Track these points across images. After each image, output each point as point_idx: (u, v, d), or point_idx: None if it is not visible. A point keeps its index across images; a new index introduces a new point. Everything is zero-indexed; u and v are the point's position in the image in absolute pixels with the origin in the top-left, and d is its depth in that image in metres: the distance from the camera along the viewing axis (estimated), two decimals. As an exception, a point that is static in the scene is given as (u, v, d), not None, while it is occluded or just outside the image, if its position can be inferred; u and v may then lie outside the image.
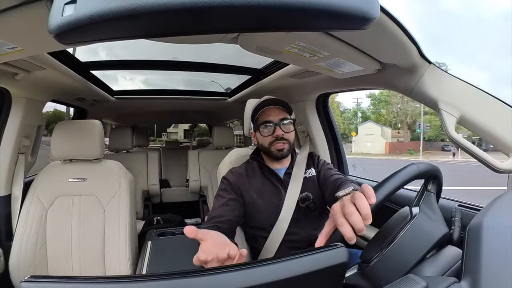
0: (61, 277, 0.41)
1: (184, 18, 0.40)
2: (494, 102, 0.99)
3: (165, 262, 1.29)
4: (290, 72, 1.59)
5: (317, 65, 1.17)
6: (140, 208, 2.90)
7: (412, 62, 1.03)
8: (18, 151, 1.50)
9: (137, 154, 3.14)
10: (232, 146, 3.08)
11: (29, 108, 1.49)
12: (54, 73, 1.38)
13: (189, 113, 3.82)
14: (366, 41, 0.95)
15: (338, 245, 0.56)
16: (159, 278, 0.42)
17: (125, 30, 0.42)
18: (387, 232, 0.75)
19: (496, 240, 0.57)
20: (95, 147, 1.52)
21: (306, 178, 1.29)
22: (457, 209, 0.91)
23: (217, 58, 2.01)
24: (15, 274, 1.34)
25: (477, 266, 0.54)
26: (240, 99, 2.63)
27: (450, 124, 0.99)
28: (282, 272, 0.48)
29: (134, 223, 1.59)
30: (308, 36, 0.91)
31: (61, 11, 0.38)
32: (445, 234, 0.76)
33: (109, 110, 3.10)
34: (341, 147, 2.04)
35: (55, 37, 0.40)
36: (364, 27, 0.45)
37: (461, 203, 1.19)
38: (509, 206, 0.71)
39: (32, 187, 1.47)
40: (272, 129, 1.23)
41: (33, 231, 1.39)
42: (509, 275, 0.52)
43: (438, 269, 0.67)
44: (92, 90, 2.02)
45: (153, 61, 2.01)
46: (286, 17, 0.42)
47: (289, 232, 1.19)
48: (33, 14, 0.68)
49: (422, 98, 1.11)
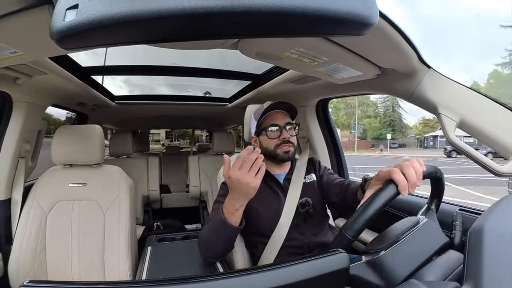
0: (60, 282, 0.41)
1: (185, 24, 0.40)
2: (493, 106, 0.99)
3: (165, 268, 1.28)
4: (290, 78, 1.60)
5: (317, 71, 1.17)
6: (140, 213, 2.89)
7: (411, 67, 1.04)
8: (18, 156, 1.50)
9: (137, 159, 3.14)
10: (232, 152, 3.08)
11: (30, 113, 1.49)
12: (55, 77, 1.38)
13: (189, 119, 3.83)
14: (366, 46, 0.96)
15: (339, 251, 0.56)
16: (158, 284, 0.42)
17: (126, 36, 0.43)
18: (395, 231, 0.78)
19: (498, 244, 0.57)
20: (96, 152, 1.52)
21: (305, 184, 1.29)
22: (458, 213, 0.91)
23: (216, 64, 2.02)
24: (14, 278, 1.33)
25: (478, 270, 0.54)
26: (240, 105, 2.63)
27: (450, 129, 0.99)
28: (283, 278, 0.48)
29: (134, 228, 1.59)
30: (308, 42, 0.92)
31: (63, 16, 0.38)
32: (446, 242, 0.79)
33: (109, 115, 3.11)
34: (341, 152, 2.03)
35: (57, 42, 0.40)
36: (364, 33, 0.46)
37: (462, 207, 1.19)
38: (510, 210, 0.71)
39: (32, 192, 1.46)
40: (279, 132, 1.24)
41: (33, 236, 1.39)
42: (510, 279, 0.51)
43: (439, 273, 0.67)
44: (92, 95, 2.02)
45: (153, 66, 2.02)
46: (286, 23, 0.43)
47: (289, 238, 1.18)
48: (35, 19, 0.69)
49: (421, 103, 1.11)
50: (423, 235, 0.79)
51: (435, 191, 0.89)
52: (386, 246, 0.71)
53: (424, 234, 0.79)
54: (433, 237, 0.80)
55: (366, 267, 0.68)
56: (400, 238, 0.75)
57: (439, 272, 0.67)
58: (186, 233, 1.82)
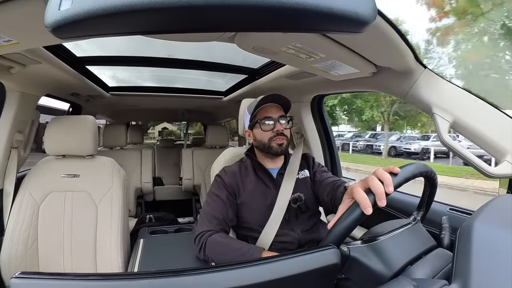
0: (51, 274, 0.41)
1: (182, 15, 0.40)
2: (487, 107, 1.00)
3: (157, 260, 1.29)
4: (286, 73, 1.59)
5: (313, 67, 1.17)
6: (133, 205, 2.89)
7: (407, 66, 1.04)
8: (11, 146, 1.48)
9: (131, 151, 3.12)
10: (226, 146, 3.08)
11: (23, 103, 1.47)
12: (49, 67, 1.37)
13: (183, 111, 3.81)
14: (363, 44, 0.96)
15: (330, 246, 0.57)
16: (150, 277, 0.42)
17: (122, 26, 0.42)
18: (393, 223, 0.80)
19: (487, 244, 0.58)
20: (89, 143, 1.51)
21: (298, 179, 1.29)
22: (448, 213, 0.92)
23: (212, 57, 2.01)
24: (6, 270, 1.32)
25: (467, 269, 0.55)
26: (235, 99, 2.63)
27: (443, 129, 1.00)
28: (273, 272, 0.48)
29: (127, 220, 1.58)
30: (305, 38, 0.92)
31: (58, 5, 0.38)
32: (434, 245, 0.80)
33: (104, 107, 3.08)
34: (335, 148, 2.05)
35: (52, 31, 0.40)
36: (361, 31, 0.46)
37: (452, 207, 1.20)
38: (499, 210, 0.73)
39: (24, 183, 1.45)
40: (273, 124, 1.24)
41: (25, 227, 1.38)
42: (499, 278, 0.52)
43: (428, 271, 0.68)
44: (87, 86, 2.00)
45: (149, 57, 2.00)
46: (284, 18, 0.42)
47: (280, 233, 1.19)
48: (29, 7, 0.68)
49: (416, 102, 1.12)
50: (420, 229, 0.82)
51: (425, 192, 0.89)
52: (387, 233, 0.73)
53: (421, 229, 0.82)
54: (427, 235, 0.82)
55: (364, 251, 0.69)
56: (402, 228, 0.77)
57: (428, 269, 0.68)
58: (179, 226, 1.82)
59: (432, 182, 0.85)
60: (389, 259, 0.67)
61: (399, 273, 0.67)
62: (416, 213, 0.90)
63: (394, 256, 0.68)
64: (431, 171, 0.81)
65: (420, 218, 0.89)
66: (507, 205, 0.77)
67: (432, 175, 0.82)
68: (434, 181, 0.84)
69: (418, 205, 0.91)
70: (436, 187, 0.86)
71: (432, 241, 0.81)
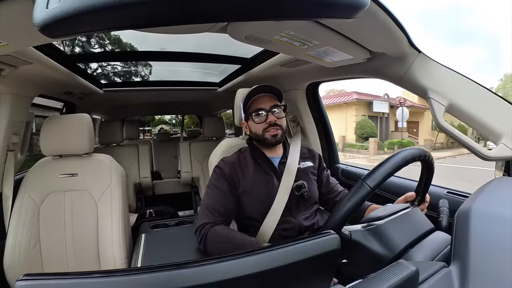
0: (55, 274, 0.41)
1: (171, 8, 0.39)
2: (482, 91, 1.00)
3: (160, 254, 1.29)
4: (280, 61, 1.58)
5: (307, 54, 1.16)
6: (133, 201, 2.90)
7: (402, 51, 1.04)
8: (7, 149, 1.46)
9: (127, 147, 3.11)
10: (222, 137, 3.07)
11: (17, 104, 1.45)
12: (41, 67, 1.35)
13: (179, 104, 3.79)
14: (356, 30, 0.95)
15: (330, 233, 0.57)
16: (154, 271, 0.42)
17: (111, 21, 0.41)
18: (392, 207, 0.81)
19: (484, 226, 0.59)
20: (85, 141, 1.50)
21: (300, 169, 1.29)
22: (445, 196, 0.93)
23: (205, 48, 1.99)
24: (10, 273, 1.33)
25: (465, 251, 0.56)
26: (230, 89, 2.61)
27: (439, 113, 1.01)
28: (276, 260, 0.49)
29: (127, 216, 1.59)
30: (298, 25, 0.91)
31: (46, 3, 0.37)
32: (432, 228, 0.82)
33: (98, 104, 3.05)
34: (332, 136, 2.05)
35: (41, 30, 0.39)
36: (354, 16, 0.45)
37: (450, 190, 1.21)
38: (496, 193, 0.74)
39: (22, 185, 1.44)
40: (265, 116, 1.24)
41: (26, 229, 1.37)
42: (496, 259, 0.53)
43: (427, 254, 0.69)
44: (79, 83, 1.98)
45: (141, 52, 1.97)
46: (276, 5, 0.42)
47: (281, 221, 1.19)
48: (17, 7, 0.66)
49: (411, 87, 1.12)
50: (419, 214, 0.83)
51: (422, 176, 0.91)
52: (388, 216, 0.74)
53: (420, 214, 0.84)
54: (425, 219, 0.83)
55: (365, 234, 0.70)
56: (395, 214, 0.78)
57: (427, 252, 0.69)
58: (179, 219, 1.83)
59: (429, 166, 0.85)
60: (390, 242, 0.69)
61: (400, 255, 0.68)
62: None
63: (395, 239, 0.69)
64: (428, 155, 0.82)
65: (417, 203, 0.90)
66: (504, 188, 0.78)
67: (429, 159, 0.83)
68: (431, 165, 0.85)
69: (416, 189, 0.92)
70: (433, 172, 0.87)
71: (431, 224, 0.82)
